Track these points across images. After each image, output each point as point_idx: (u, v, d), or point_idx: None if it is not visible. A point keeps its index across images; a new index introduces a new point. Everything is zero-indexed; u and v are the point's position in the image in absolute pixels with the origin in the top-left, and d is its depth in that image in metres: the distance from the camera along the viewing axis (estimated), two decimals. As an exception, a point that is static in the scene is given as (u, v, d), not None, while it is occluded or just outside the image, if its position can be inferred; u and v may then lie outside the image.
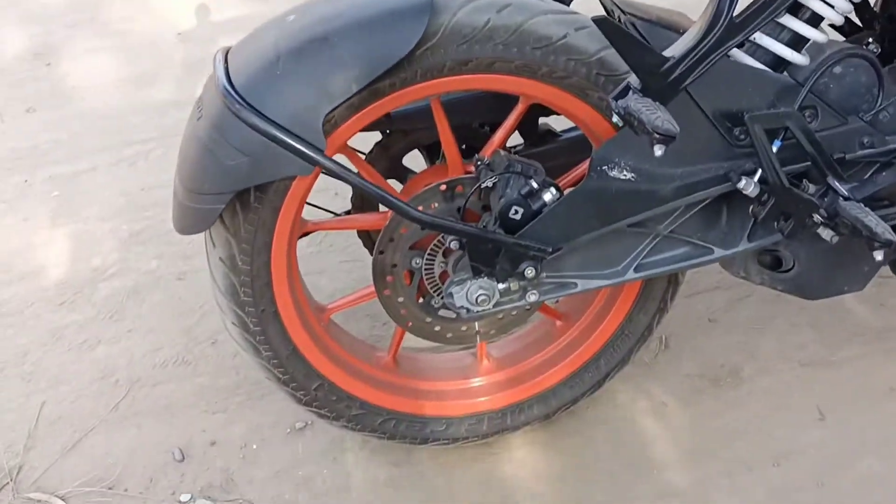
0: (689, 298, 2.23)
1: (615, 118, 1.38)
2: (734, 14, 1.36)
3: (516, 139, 1.84)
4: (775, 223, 1.57)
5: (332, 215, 1.91)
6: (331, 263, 2.38)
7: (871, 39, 1.65)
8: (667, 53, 1.37)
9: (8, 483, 1.89)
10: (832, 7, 1.50)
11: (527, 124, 1.81)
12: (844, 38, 1.71)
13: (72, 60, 3.28)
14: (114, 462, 1.93)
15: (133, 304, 2.30)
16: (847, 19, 1.65)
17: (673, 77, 1.36)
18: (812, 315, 2.19)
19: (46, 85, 3.15)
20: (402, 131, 1.77)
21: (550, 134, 1.86)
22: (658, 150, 1.29)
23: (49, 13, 3.56)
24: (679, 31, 1.48)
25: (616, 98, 1.37)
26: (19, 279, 2.38)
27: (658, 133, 1.27)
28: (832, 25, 1.61)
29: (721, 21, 1.35)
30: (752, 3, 1.39)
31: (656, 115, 1.28)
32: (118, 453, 1.95)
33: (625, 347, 1.81)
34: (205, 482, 1.88)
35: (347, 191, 2.51)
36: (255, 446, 1.95)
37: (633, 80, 1.37)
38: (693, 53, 1.36)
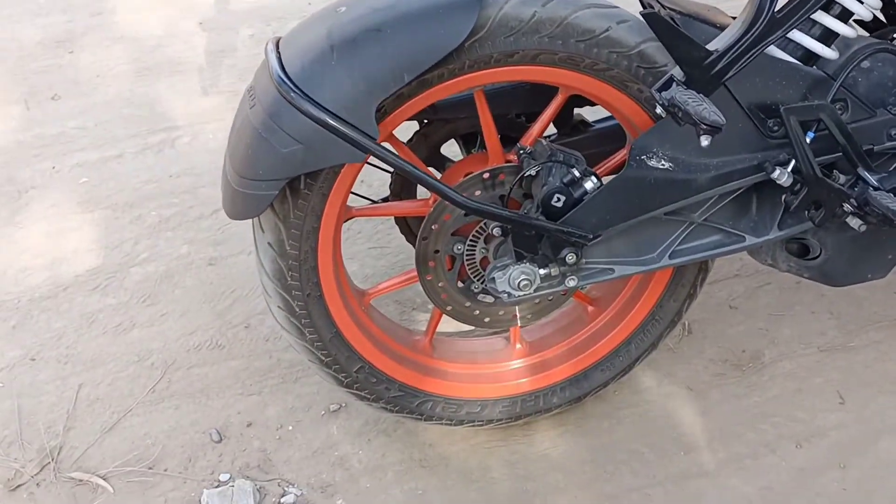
0: (711, 286, 2.29)
1: (658, 109, 1.43)
2: (776, 9, 1.41)
3: (549, 129, 1.89)
4: (806, 212, 1.62)
5: (370, 202, 1.95)
6: (360, 250, 2.43)
7: (895, 35, 1.70)
8: (710, 47, 1.42)
9: (49, 463, 1.94)
10: (862, 3, 1.55)
11: (561, 114, 1.86)
12: (869, 34, 1.76)
13: (95, 48, 3.31)
14: (152, 443, 1.98)
15: (165, 288, 2.35)
16: (872, 15, 1.70)
17: (716, 70, 1.42)
18: (830, 302, 2.25)
19: (70, 72, 3.18)
20: (443, 120, 1.81)
21: (583, 124, 1.90)
22: (705, 141, 1.34)
23: (70, 1, 3.59)
24: (716, 25, 1.53)
25: (660, 90, 1.42)
26: (51, 264, 2.43)
27: (705, 124, 1.32)
28: (858, 21, 1.66)
29: (763, 16, 1.40)
30: None
31: (703, 107, 1.33)
32: (156, 434, 2.00)
33: (655, 332, 1.87)
34: (243, 462, 1.93)
35: (372, 177, 2.56)
36: (290, 428, 2.00)
37: (677, 72, 1.42)
38: (736, 47, 1.41)
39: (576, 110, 1.89)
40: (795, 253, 1.74)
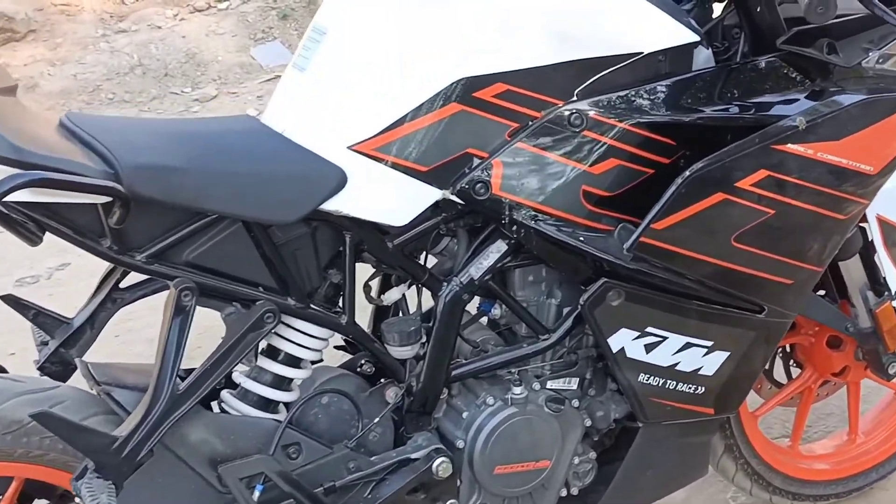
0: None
1: (77, 499, 1.42)
2: (177, 387, 1.43)
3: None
4: None
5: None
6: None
7: (363, 362, 1.65)
8: (117, 432, 1.42)
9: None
10: (307, 347, 1.56)
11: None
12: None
13: None
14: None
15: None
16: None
17: (126, 453, 1.41)
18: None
19: None
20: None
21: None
22: None
23: None
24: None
25: (77, 479, 1.41)
26: None
27: None
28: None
29: (163, 396, 1.42)
30: (195, 373, 1.47)
31: (96, 500, 1.37)
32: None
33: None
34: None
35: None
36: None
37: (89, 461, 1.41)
38: (141, 429, 1.41)
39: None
40: None
